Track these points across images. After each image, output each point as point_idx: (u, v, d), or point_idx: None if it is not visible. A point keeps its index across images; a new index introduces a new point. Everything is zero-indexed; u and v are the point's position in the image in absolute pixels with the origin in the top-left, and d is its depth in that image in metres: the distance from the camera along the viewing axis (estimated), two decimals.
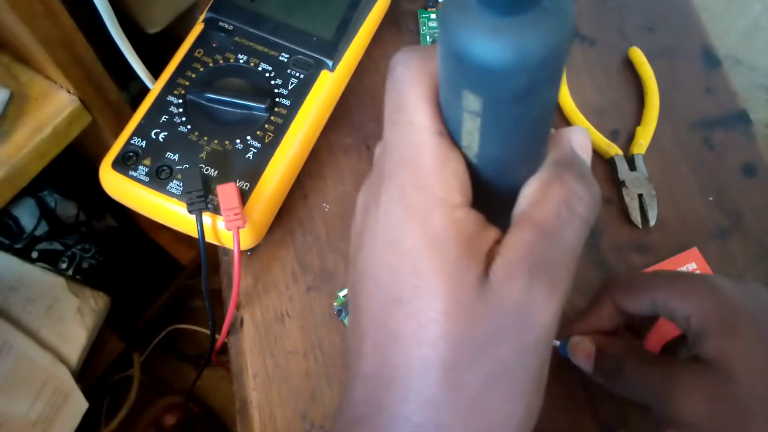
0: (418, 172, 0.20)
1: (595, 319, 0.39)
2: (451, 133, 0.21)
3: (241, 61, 0.49)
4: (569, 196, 0.21)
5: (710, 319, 0.33)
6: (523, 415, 0.21)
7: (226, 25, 0.50)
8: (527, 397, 0.21)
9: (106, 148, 0.46)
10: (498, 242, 0.21)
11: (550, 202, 0.20)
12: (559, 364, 0.42)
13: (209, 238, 0.45)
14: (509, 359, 0.20)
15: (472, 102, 0.19)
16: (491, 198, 0.22)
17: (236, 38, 0.50)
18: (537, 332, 0.20)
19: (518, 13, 0.17)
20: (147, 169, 0.45)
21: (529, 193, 0.21)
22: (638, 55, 0.57)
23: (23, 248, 0.81)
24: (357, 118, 0.54)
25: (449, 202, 0.20)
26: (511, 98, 0.19)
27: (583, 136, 0.23)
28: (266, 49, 0.49)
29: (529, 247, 0.20)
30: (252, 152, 0.46)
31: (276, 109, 0.47)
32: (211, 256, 0.48)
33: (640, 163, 0.52)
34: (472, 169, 0.22)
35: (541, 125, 0.21)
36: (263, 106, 0.46)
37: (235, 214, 0.43)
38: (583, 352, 0.40)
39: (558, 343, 0.43)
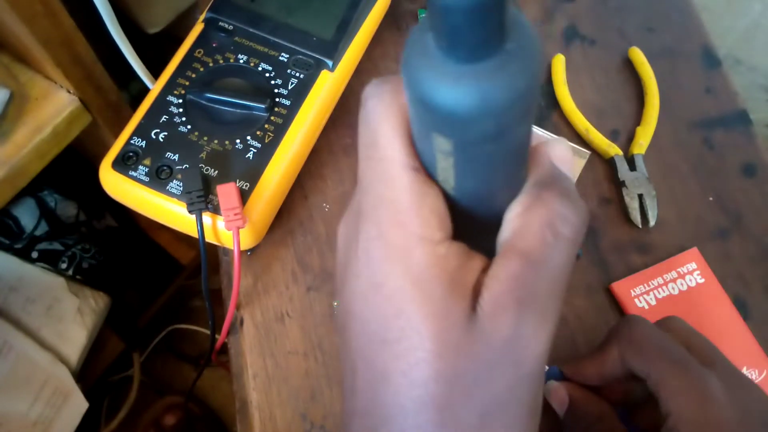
0: (395, 209, 0.20)
1: (599, 365, 0.37)
2: (426, 166, 0.21)
3: (241, 61, 0.49)
4: (552, 218, 0.20)
5: (684, 430, 0.31)
6: None
7: (226, 25, 0.50)
8: (523, 428, 0.21)
9: (106, 148, 0.46)
10: (484, 271, 0.20)
11: (533, 228, 0.20)
12: None
13: (209, 238, 0.45)
14: (503, 393, 0.20)
15: (442, 143, 0.19)
16: (473, 226, 0.22)
17: (236, 38, 0.50)
18: (529, 365, 0.20)
19: (481, 59, 0.17)
20: (147, 169, 0.45)
21: (511, 218, 0.21)
22: (638, 55, 0.57)
23: (23, 248, 0.81)
24: (357, 118, 0.54)
25: (429, 239, 0.20)
26: (481, 140, 0.18)
27: (561, 149, 0.22)
28: (266, 49, 0.49)
29: (516, 278, 0.19)
30: (252, 152, 0.46)
31: (276, 109, 0.47)
32: (211, 256, 0.48)
33: (640, 163, 0.52)
34: (451, 199, 0.21)
35: (517, 157, 0.21)
36: (263, 106, 0.46)
37: (235, 214, 0.43)
38: (556, 399, 0.39)
39: (547, 368, 0.41)
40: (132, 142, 0.46)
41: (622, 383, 0.38)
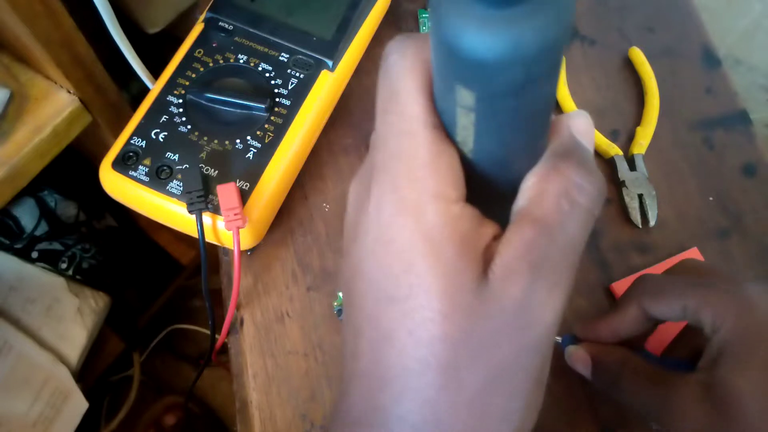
0: (411, 164, 0.20)
1: (619, 323, 0.38)
2: (445, 126, 0.20)
3: (241, 61, 0.49)
4: (569, 187, 0.20)
5: (734, 342, 0.32)
6: (523, 414, 0.20)
7: (226, 25, 0.50)
8: (527, 397, 0.20)
9: (106, 148, 0.46)
10: (496, 238, 0.20)
11: (549, 196, 0.20)
12: (561, 365, 0.42)
13: (209, 238, 0.45)
14: (509, 359, 0.20)
15: (465, 97, 0.18)
16: (489, 193, 0.21)
17: (236, 38, 0.50)
18: (538, 332, 0.20)
19: (513, 4, 0.16)
20: (147, 169, 0.45)
21: (527, 187, 0.20)
22: (638, 55, 0.57)
23: (23, 248, 0.81)
24: (357, 118, 0.54)
25: (444, 197, 0.19)
26: (506, 93, 0.18)
27: (584, 121, 0.22)
28: (266, 49, 0.49)
29: (530, 244, 0.19)
30: (252, 152, 0.46)
31: (276, 109, 0.47)
32: (211, 256, 0.48)
33: (640, 163, 0.52)
34: (467, 164, 0.21)
35: (539, 119, 0.20)
36: (263, 106, 0.46)
37: (235, 214, 0.43)
38: (579, 360, 0.40)
39: (560, 339, 0.43)
40: (132, 142, 0.46)
41: (636, 338, 0.39)
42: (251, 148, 0.46)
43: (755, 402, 0.31)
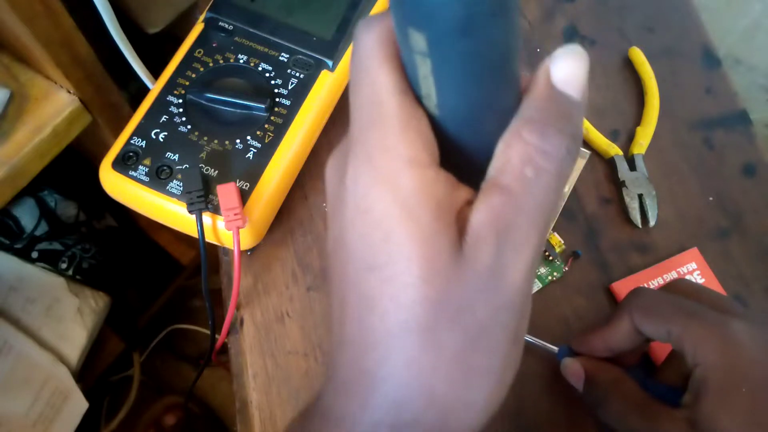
0: (383, 132, 0.20)
1: (611, 336, 0.39)
2: (411, 83, 0.21)
3: (241, 61, 0.49)
4: (532, 154, 0.20)
5: (715, 378, 0.32)
6: (502, 369, 0.21)
7: (226, 25, 0.50)
8: (505, 353, 0.21)
9: (106, 148, 0.46)
10: (469, 203, 0.21)
11: (513, 165, 0.20)
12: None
13: (209, 238, 0.45)
14: (486, 319, 0.20)
15: (418, 41, 0.19)
16: (462, 158, 0.22)
17: (236, 38, 0.50)
18: (510, 293, 0.21)
19: None
20: (147, 169, 0.45)
21: (495, 155, 0.21)
22: (638, 55, 0.57)
23: (23, 248, 0.81)
24: None
25: (417, 162, 0.20)
26: (452, 31, 0.18)
27: (567, 64, 0.21)
28: (266, 49, 0.49)
29: (496, 213, 0.20)
30: (252, 152, 0.46)
31: (276, 109, 0.47)
32: (211, 256, 0.48)
33: (640, 163, 0.52)
34: (438, 127, 0.21)
35: (498, 69, 0.20)
36: (263, 106, 0.46)
37: (235, 214, 0.43)
38: (572, 374, 0.40)
39: (556, 349, 0.43)
40: (132, 142, 0.46)
41: (632, 352, 0.39)
42: (251, 148, 0.46)
43: None
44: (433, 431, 0.21)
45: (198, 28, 0.50)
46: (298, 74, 0.48)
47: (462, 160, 0.21)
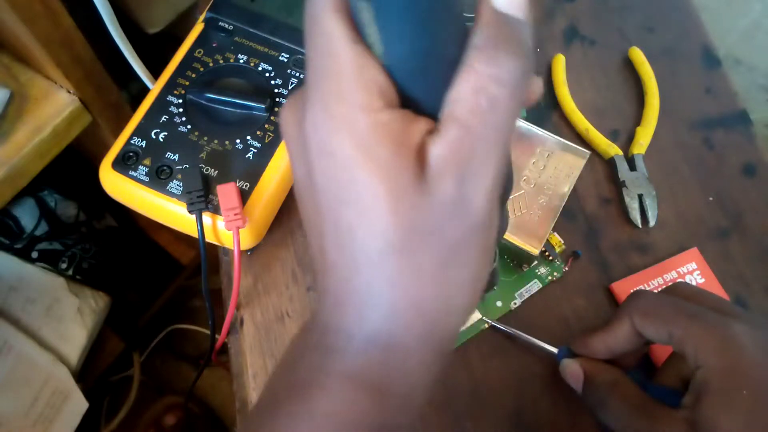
0: (337, 81, 0.21)
1: (612, 338, 0.39)
2: (360, 32, 0.21)
3: (241, 61, 0.49)
4: (483, 83, 0.20)
5: (716, 380, 0.33)
6: (476, 279, 0.23)
7: (226, 25, 0.50)
8: (477, 264, 0.23)
9: (106, 148, 0.46)
10: (431, 132, 0.21)
11: (466, 96, 0.21)
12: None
13: (209, 238, 0.45)
14: (455, 240, 0.22)
15: None
16: (420, 95, 0.22)
17: (236, 38, 0.50)
18: (475, 216, 0.22)
19: None
20: (147, 169, 0.45)
21: (452, 86, 0.21)
22: (638, 55, 0.57)
23: (23, 248, 0.81)
24: None
25: (370, 108, 0.21)
26: None
27: None
28: (266, 49, 0.49)
29: (454, 145, 0.21)
30: (252, 152, 0.46)
31: (276, 109, 0.47)
32: (211, 256, 0.48)
33: (640, 163, 0.52)
34: (390, 71, 0.22)
35: (439, 16, 0.20)
36: (263, 106, 0.46)
37: (235, 214, 0.43)
38: (571, 375, 0.40)
39: (556, 350, 0.43)
40: (132, 142, 0.46)
41: (631, 354, 0.39)
42: (251, 148, 0.46)
43: None
44: (424, 334, 0.23)
45: (198, 28, 0.50)
46: (298, 74, 0.48)
47: (420, 96, 0.22)
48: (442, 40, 0.21)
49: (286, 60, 0.49)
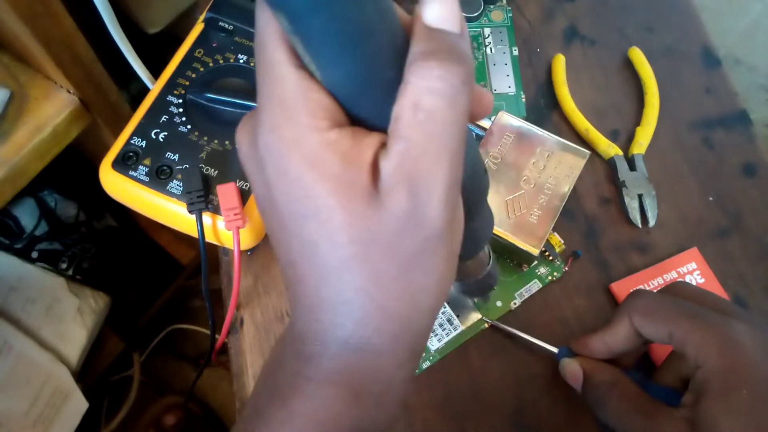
0: (284, 106, 0.22)
1: (611, 338, 0.39)
2: (303, 62, 0.22)
3: (241, 61, 0.49)
4: (419, 96, 0.21)
5: (716, 380, 0.33)
6: (440, 280, 0.24)
7: (226, 25, 0.50)
8: (440, 268, 0.23)
9: (106, 148, 0.46)
10: (384, 145, 0.22)
11: (405, 111, 0.21)
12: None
13: (209, 238, 0.45)
14: (415, 248, 0.22)
15: (281, 20, 0.20)
16: (367, 113, 0.23)
17: (236, 38, 0.50)
18: (432, 225, 0.22)
19: None
20: (147, 169, 0.45)
21: (395, 103, 0.22)
22: (638, 55, 0.57)
23: (23, 248, 0.81)
24: None
25: (317, 128, 0.21)
26: (303, 11, 0.19)
27: (437, 6, 0.22)
28: None
29: (399, 159, 0.21)
30: None
31: None
32: (211, 256, 0.48)
33: (640, 163, 0.52)
34: (336, 93, 0.22)
35: (365, 41, 0.21)
36: None
37: (235, 214, 0.43)
38: (571, 374, 0.40)
39: (556, 350, 0.43)
40: (132, 142, 0.46)
41: (631, 354, 0.39)
42: None
43: None
44: (394, 335, 0.24)
45: (198, 28, 0.50)
46: None
47: (368, 114, 0.23)
48: (374, 64, 0.22)
49: None
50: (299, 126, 0.21)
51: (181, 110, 0.47)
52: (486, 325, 0.47)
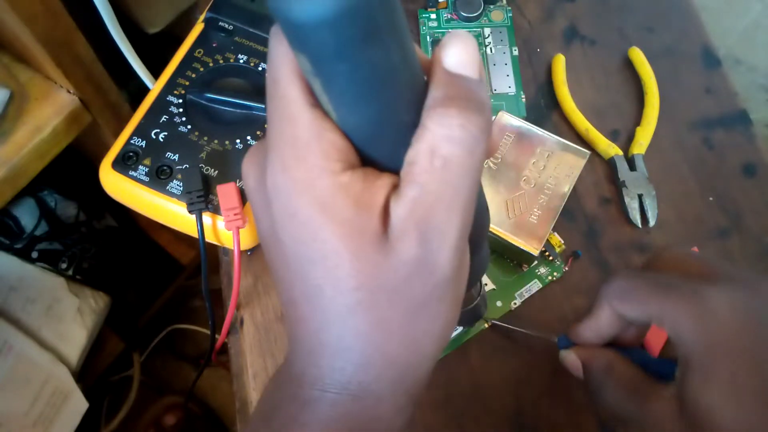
0: (296, 145, 0.21)
1: (597, 325, 0.38)
2: (319, 102, 0.21)
3: (241, 61, 0.49)
4: (436, 143, 0.21)
5: (696, 354, 0.31)
6: (444, 327, 0.24)
7: (226, 25, 0.50)
8: (445, 316, 0.23)
9: (106, 148, 0.46)
10: (396, 187, 0.22)
11: (421, 157, 0.21)
12: (561, 365, 0.42)
13: (209, 238, 0.45)
14: (422, 296, 0.22)
15: (303, 62, 0.19)
16: (380, 155, 0.22)
17: (236, 38, 0.50)
18: (440, 273, 0.22)
19: None
20: (147, 169, 0.45)
21: (410, 148, 0.22)
22: (638, 55, 0.57)
23: (23, 248, 0.81)
24: None
25: (330, 170, 0.21)
26: (329, 55, 0.19)
27: (457, 50, 0.21)
28: (266, 49, 0.49)
29: (412, 205, 0.21)
30: None
31: None
32: (211, 256, 0.48)
33: (640, 163, 0.52)
34: (351, 135, 0.22)
35: (387, 87, 0.20)
36: (263, 106, 0.46)
37: (235, 214, 0.43)
38: (570, 364, 0.40)
39: (555, 339, 0.43)
40: (132, 142, 0.46)
41: (628, 333, 0.39)
42: None
43: (727, 417, 0.30)
44: (394, 382, 0.23)
45: (198, 28, 0.50)
46: None
47: (381, 156, 0.22)
48: (394, 108, 0.21)
49: None
50: (311, 168, 0.21)
51: (181, 110, 0.47)
52: (486, 325, 0.47)
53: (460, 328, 0.47)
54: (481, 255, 0.31)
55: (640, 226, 0.51)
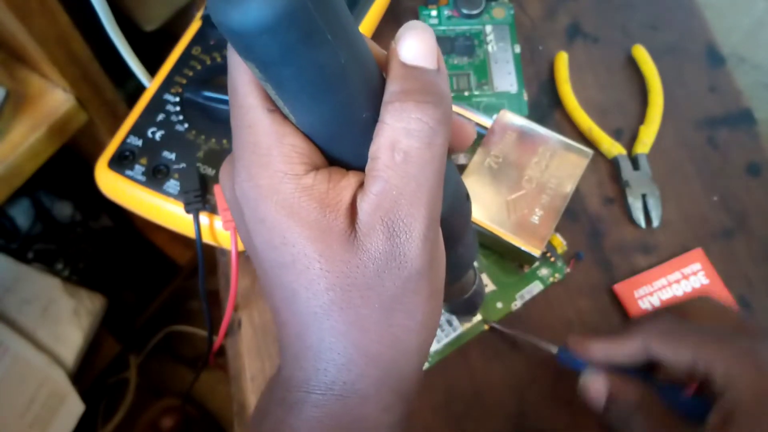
0: (259, 152, 0.22)
1: (617, 350, 0.38)
2: (277, 106, 0.22)
3: None
4: (395, 137, 0.21)
5: (746, 405, 0.32)
6: (424, 320, 0.24)
7: None
8: (423, 308, 0.23)
9: (102, 147, 0.46)
10: (362, 185, 0.22)
11: (381, 151, 0.21)
12: (562, 368, 0.42)
13: (206, 239, 0.44)
14: (395, 290, 0.22)
15: (252, 68, 0.20)
16: (344, 153, 0.23)
17: None
18: (411, 265, 0.22)
19: None
20: (143, 169, 0.44)
21: (372, 144, 0.22)
22: (642, 54, 0.56)
23: (19, 249, 0.81)
24: None
25: (293, 174, 0.21)
26: (273, 60, 0.19)
27: (413, 42, 0.22)
28: None
29: (377, 200, 0.21)
30: None
31: None
32: (209, 257, 0.47)
33: (643, 162, 0.52)
34: (311, 135, 0.22)
35: (337, 86, 0.20)
36: None
37: None
38: (595, 391, 0.39)
39: (555, 350, 0.42)
40: (128, 141, 0.45)
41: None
42: None
43: None
44: (379, 380, 0.23)
45: (195, 26, 0.50)
46: None
47: (345, 154, 0.23)
48: (350, 106, 0.21)
49: None
50: (274, 173, 0.21)
51: (178, 109, 0.46)
52: (486, 327, 0.47)
53: (459, 329, 0.46)
54: (465, 244, 0.31)
55: (644, 226, 0.50)
